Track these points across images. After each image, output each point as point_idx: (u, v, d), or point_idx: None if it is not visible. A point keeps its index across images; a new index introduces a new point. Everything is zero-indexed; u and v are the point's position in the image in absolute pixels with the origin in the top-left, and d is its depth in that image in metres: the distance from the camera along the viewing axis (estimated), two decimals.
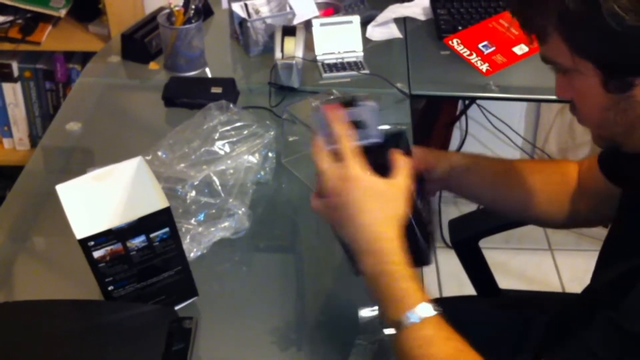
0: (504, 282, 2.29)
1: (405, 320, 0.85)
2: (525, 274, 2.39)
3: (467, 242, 1.48)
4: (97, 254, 0.94)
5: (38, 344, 0.94)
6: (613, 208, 1.15)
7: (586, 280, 1.08)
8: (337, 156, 0.93)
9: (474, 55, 1.66)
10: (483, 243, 1.50)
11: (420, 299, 0.86)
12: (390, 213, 0.92)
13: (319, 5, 1.78)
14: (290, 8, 1.73)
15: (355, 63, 1.66)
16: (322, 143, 0.95)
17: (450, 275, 2.31)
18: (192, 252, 1.15)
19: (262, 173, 1.32)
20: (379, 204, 0.91)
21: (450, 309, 0.99)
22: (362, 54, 1.68)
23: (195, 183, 1.21)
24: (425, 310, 0.85)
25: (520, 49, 1.66)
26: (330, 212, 0.93)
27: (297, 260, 1.22)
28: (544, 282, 2.36)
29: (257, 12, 1.73)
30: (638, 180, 0.99)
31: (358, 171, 0.91)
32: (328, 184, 0.92)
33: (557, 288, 2.34)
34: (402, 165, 0.94)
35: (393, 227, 0.91)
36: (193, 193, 1.21)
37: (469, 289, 1.54)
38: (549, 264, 2.42)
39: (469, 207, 1.68)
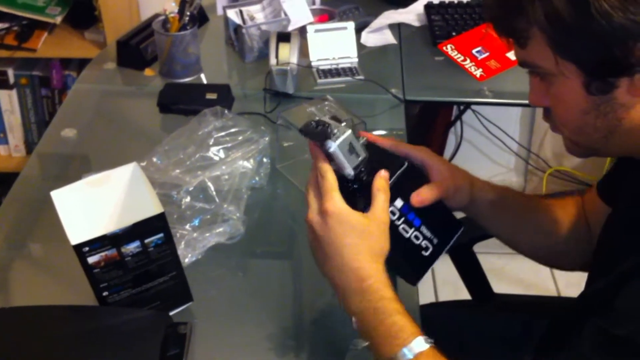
0: (500, 287, 2.29)
1: (402, 357, 0.85)
2: (521, 279, 2.39)
3: (461, 248, 1.48)
4: (91, 260, 0.94)
5: (33, 350, 0.94)
6: None
7: (582, 286, 1.09)
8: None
9: (468, 60, 1.67)
10: (478, 248, 1.50)
11: (415, 333, 0.86)
12: (373, 247, 0.91)
13: (313, 11, 1.79)
14: (285, 14, 1.73)
15: (350, 69, 1.67)
16: (312, 176, 0.94)
17: (446, 280, 2.31)
18: (187, 257, 1.16)
19: (257, 178, 1.32)
20: (360, 239, 0.90)
21: (446, 314, 1.00)
22: (356, 59, 1.69)
23: (190, 189, 1.22)
24: (420, 345, 0.85)
25: (514, 55, 1.67)
26: (314, 249, 0.93)
27: (292, 266, 1.22)
28: (540, 287, 2.36)
29: (252, 18, 1.74)
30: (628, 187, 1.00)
31: (337, 206, 0.90)
32: (309, 217, 0.92)
33: (552, 293, 2.34)
34: (382, 198, 0.92)
35: (377, 261, 0.90)
36: (188, 199, 1.21)
37: (464, 294, 1.54)
38: (545, 270, 2.42)
39: None
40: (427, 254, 1.05)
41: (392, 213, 0.98)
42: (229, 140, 1.32)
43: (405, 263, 1.04)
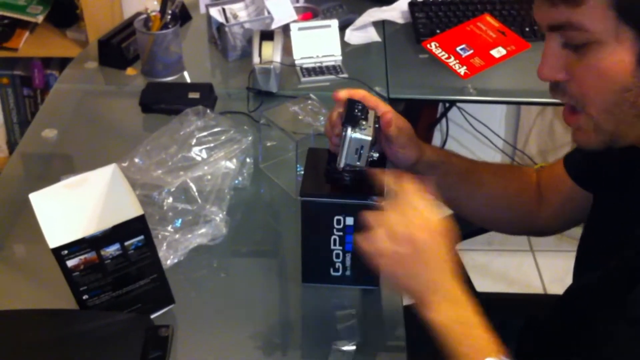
0: (486, 284, 2.31)
1: None
2: (506, 275, 2.40)
3: None
4: (70, 263, 0.93)
5: (12, 355, 0.93)
6: (575, 213, 1.15)
7: (567, 281, 1.08)
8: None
9: (452, 58, 1.66)
10: (465, 245, 1.50)
11: (500, 351, 0.83)
12: (451, 256, 0.89)
13: (297, 9, 1.78)
14: (269, 12, 1.72)
15: (334, 67, 1.66)
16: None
17: None
18: (169, 259, 1.14)
19: (240, 179, 1.31)
20: (445, 248, 0.88)
21: None
22: (340, 58, 1.68)
23: (172, 189, 1.21)
24: None
25: (497, 52, 1.67)
26: (400, 263, 0.88)
27: (276, 266, 1.21)
28: (526, 283, 2.37)
29: (235, 16, 1.73)
30: (619, 179, 0.99)
31: (435, 221, 0.87)
32: (396, 230, 0.87)
33: (538, 289, 2.35)
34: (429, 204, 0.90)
35: (455, 272, 0.88)
36: (170, 199, 1.20)
37: None
38: (531, 266, 2.43)
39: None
40: (333, 273, 1.10)
41: (338, 222, 1.03)
42: (211, 140, 1.31)
43: (306, 261, 1.10)
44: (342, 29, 1.77)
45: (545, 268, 2.41)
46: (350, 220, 1.03)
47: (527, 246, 2.49)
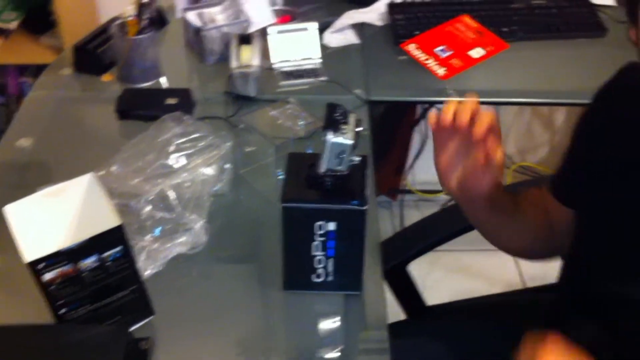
0: (468, 284, 2.31)
1: None
2: (488, 275, 2.40)
3: (396, 269, 1.44)
4: (47, 277, 0.91)
5: None
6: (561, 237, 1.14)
7: (547, 277, 1.08)
8: None
9: (431, 59, 1.65)
10: (447, 246, 1.49)
11: None
12: None
13: (275, 12, 1.76)
14: (246, 16, 1.71)
15: (313, 70, 1.65)
16: None
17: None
18: (148, 269, 1.12)
19: (219, 185, 1.29)
20: None
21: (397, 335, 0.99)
22: (319, 60, 1.67)
23: (150, 198, 1.19)
24: None
25: (476, 53, 1.66)
26: None
27: (257, 273, 1.20)
28: (507, 282, 2.37)
29: (212, 20, 1.71)
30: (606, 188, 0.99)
31: None
32: None
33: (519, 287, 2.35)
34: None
35: None
36: (148, 208, 1.18)
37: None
38: (511, 264, 2.44)
39: (431, 209, 1.68)
40: (315, 280, 1.09)
41: (320, 227, 1.02)
42: (189, 147, 1.29)
43: (288, 268, 1.09)
44: (321, 31, 1.76)
45: (526, 265, 2.41)
46: (332, 226, 1.02)
47: None
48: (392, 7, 1.82)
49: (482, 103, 1.72)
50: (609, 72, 1.03)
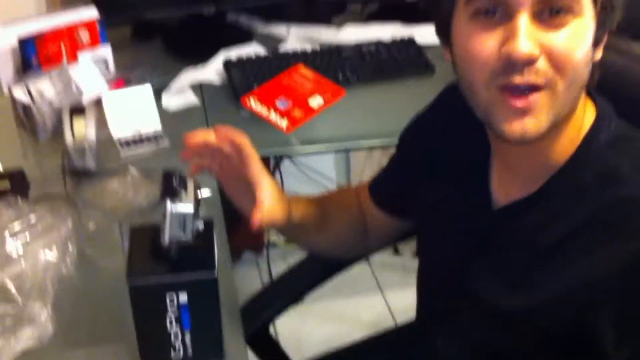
0: (344, 332, 2.30)
1: None
2: (361, 320, 2.41)
3: (259, 333, 1.42)
4: None
5: None
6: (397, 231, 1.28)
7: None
8: None
9: (273, 112, 1.66)
10: (313, 296, 1.48)
11: None
12: None
13: (108, 79, 1.71)
14: (77, 86, 1.64)
15: (154, 136, 1.60)
16: None
17: None
18: None
19: (64, 268, 1.22)
20: None
21: None
22: (159, 125, 1.63)
23: None
24: None
25: (316, 101, 1.69)
26: None
27: (113, 357, 1.13)
28: (380, 324, 2.38)
29: (41, 94, 1.63)
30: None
31: None
32: None
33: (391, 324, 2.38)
34: None
35: None
36: None
37: None
38: (382, 305, 2.46)
39: (298, 257, 1.67)
40: (174, 355, 1.05)
41: (171, 301, 0.98)
42: (27, 231, 1.22)
43: (143, 346, 1.05)
44: (159, 94, 1.73)
45: (397, 304, 2.45)
46: (183, 297, 0.98)
47: (375, 285, 2.53)
48: (227, 63, 1.82)
49: (329, 150, 1.78)
50: None
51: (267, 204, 1.04)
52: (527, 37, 0.79)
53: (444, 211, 1.06)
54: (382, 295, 2.50)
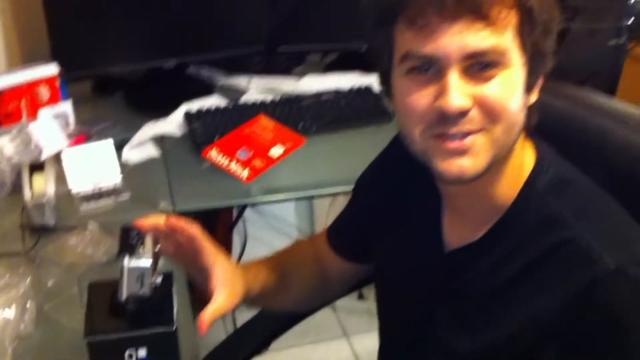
0: None
1: None
2: None
3: None
4: None
5: None
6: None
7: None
8: None
9: (234, 163, 1.67)
10: (279, 343, 1.47)
11: None
12: None
13: (68, 134, 1.71)
14: (37, 143, 1.64)
15: (114, 190, 1.60)
16: None
17: None
18: None
19: (22, 326, 1.20)
20: None
21: None
22: (119, 178, 1.62)
23: None
24: None
25: (276, 151, 1.71)
26: None
27: None
28: None
29: (0, 152, 1.62)
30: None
31: None
32: None
33: None
34: None
35: None
36: None
37: None
38: (347, 352, 2.45)
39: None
40: None
41: (130, 356, 0.98)
42: None
43: None
44: (120, 148, 1.73)
45: (362, 351, 2.44)
46: (142, 352, 0.98)
47: (341, 332, 2.52)
48: (188, 115, 1.84)
49: (290, 199, 1.80)
50: None
51: (220, 298, 1.01)
52: (458, 91, 0.83)
53: (400, 255, 1.08)
54: (347, 340, 2.49)
